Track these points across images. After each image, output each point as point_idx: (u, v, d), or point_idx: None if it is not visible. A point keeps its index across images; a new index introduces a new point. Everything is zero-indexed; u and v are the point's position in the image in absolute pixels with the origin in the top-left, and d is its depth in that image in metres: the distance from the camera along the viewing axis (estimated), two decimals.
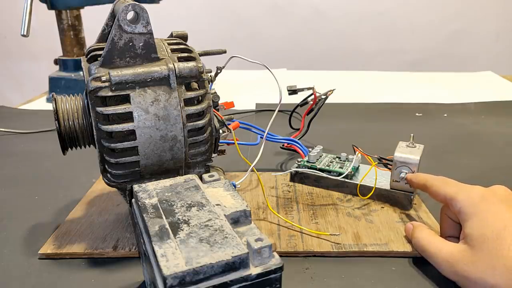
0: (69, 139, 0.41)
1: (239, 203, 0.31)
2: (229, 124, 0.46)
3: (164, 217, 0.29)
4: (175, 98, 0.38)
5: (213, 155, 0.44)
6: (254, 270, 0.26)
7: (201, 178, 0.35)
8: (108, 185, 0.41)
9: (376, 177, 0.49)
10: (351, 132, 0.76)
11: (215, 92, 0.44)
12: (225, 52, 0.47)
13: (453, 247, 0.35)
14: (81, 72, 0.79)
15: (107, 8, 0.44)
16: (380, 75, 1.22)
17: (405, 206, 0.48)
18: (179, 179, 0.35)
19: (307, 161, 0.54)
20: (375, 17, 1.67)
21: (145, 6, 0.38)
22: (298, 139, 0.60)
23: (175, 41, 0.43)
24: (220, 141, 0.45)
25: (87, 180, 0.56)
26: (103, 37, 0.42)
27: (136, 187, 0.33)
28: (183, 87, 0.39)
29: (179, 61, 0.40)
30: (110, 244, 0.42)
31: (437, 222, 0.44)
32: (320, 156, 0.56)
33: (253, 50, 1.67)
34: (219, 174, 0.36)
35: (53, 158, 0.64)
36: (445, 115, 0.85)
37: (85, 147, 0.42)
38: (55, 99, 0.41)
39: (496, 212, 0.34)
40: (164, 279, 0.24)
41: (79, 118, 0.40)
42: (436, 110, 0.88)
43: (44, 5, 0.92)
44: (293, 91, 0.68)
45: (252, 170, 0.47)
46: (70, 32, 0.97)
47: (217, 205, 0.31)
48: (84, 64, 0.40)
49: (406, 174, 0.46)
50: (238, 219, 0.30)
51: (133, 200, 0.33)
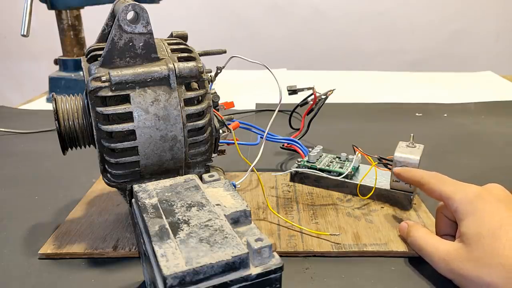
0: (69, 139, 0.41)
1: (239, 203, 0.31)
2: (229, 124, 0.46)
3: (164, 217, 0.29)
4: (175, 98, 0.38)
5: (213, 155, 0.44)
6: (254, 270, 0.26)
7: (201, 178, 0.35)
8: (108, 185, 0.41)
9: (376, 177, 0.49)
10: (351, 132, 0.76)
11: (215, 92, 0.44)
12: (225, 52, 0.47)
13: (450, 246, 0.35)
14: (81, 72, 0.79)
15: (107, 8, 0.44)
16: (380, 75, 1.22)
17: (405, 206, 0.48)
18: (179, 179, 0.35)
19: (307, 161, 0.54)
20: (375, 17, 1.67)
21: (145, 6, 0.38)
22: (298, 139, 0.60)
23: (175, 41, 0.43)
24: (220, 141, 0.45)
25: (87, 180, 0.56)
26: (103, 37, 0.42)
27: (136, 187, 0.33)
28: (183, 87, 0.39)
29: (179, 61, 0.40)
30: (110, 244, 0.42)
31: None
32: (320, 156, 0.56)
33: (253, 50, 1.67)
34: (219, 174, 0.36)
35: (53, 158, 0.64)
36: (445, 115, 0.85)
37: (85, 147, 0.42)
38: (55, 99, 0.41)
39: (492, 211, 0.34)
40: (164, 279, 0.24)
41: (79, 118, 0.40)
42: (436, 110, 0.88)
43: (44, 5, 0.92)
44: (293, 91, 0.68)
45: (252, 170, 0.47)
46: (70, 32, 0.97)
47: (217, 205, 0.31)
48: (84, 64, 0.40)
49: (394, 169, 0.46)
50: (238, 219, 0.30)
51: (133, 200, 0.33)
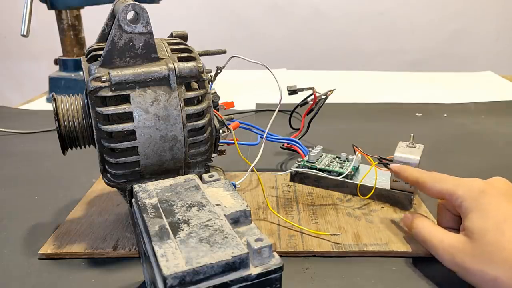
0: (69, 139, 0.41)
1: (239, 203, 0.31)
2: (229, 124, 0.46)
3: (164, 217, 0.29)
4: (175, 98, 0.38)
5: (213, 155, 0.44)
6: (254, 270, 0.26)
7: (201, 178, 0.35)
8: (108, 185, 0.41)
9: (376, 177, 0.49)
10: (351, 132, 0.76)
11: (215, 92, 0.44)
12: (225, 52, 0.47)
13: (454, 238, 0.35)
14: (81, 72, 0.79)
15: (107, 8, 0.44)
16: (380, 75, 1.22)
17: (405, 206, 0.48)
18: (179, 179, 0.35)
19: (307, 161, 0.54)
20: (375, 17, 1.67)
21: (145, 6, 0.38)
22: (298, 139, 0.60)
23: (175, 41, 0.43)
24: (220, 141, 0.45)
25: (87, 180, 0.56)
26: (103, 37, 0.42)
27: (136, 187, 0.33)
28: (183, 87, 0.39)
29: (179, 61, 0.40)
30: (110, 244, 0.42)
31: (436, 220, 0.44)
32: (320, 156, 0.56)
33: (253, 50, 1.67)
34: (219, 174, 0.36)
35: (53, 158, 0.64)
36: (445, 115, 0.85)
37: (85, 147, 0.42)
38: (55, 99, 0.41)
39: (496, 205, 0.34)
40: (164, 279, 0.24)
41: (79, 118, 0.40)
42: (436, 110, 0.88)
43: (44, 5, 0.92)
44: (293, 91, 0.67)
45: (252, 170, 0.47)
46: (70, 32, 0.97)
47: (217, 205, 0.31)
48: (84, 64, 0.40)
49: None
50: (238, 219, 0.30)
51: (133, 200, 0.33)
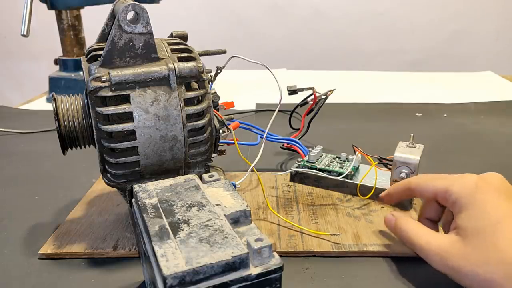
0: (69, 139, 0.41)
1: (239, 203, 0.31)
2: (229, 124, 0.46)
3: (164, 217, 0.29)
4: (175, 98, 0.38)
5: (213, 155, 0.44)
6: (254, 270, 0.26)
7: (201, 178, 0.35)
8: (108, 185, 0.41)
9: (376, 177, 0.49)
10: (351, 132, 0.76)
11: (215, 92, 0.44)
12: (225, 52, 0.47)
13: (444, 239, 0.34)
14: (81, 72, 0.79)
15: (107, 8, 0.44)
16: (380, 75, 1.22)
17: (405, 206, 0.48)
18: (179, 179, 0.35)
19: (307, 161, 0.54)
20: (375, 17, 1.67)
21: (145, 6, 0.38)
22: (298, 139, 0.60)
23: (175, 41, 0.43)
24: (220, 141, 0.45)
25: (87, 180, 0.56)
26: (103, 37, 0.42)
27: (136, 187, 0.33)
28: (183, 87, 0.39)
29: (179, 61, 0.40)
30: (110, 244, 0.42)
31: None
32: (320, 156, 0.56)
33: (253, 50, 1.67)
34: (219, 174, 0.36)
35: (53, 158, 0.64)
36: (445, 115, 0.85)
37: (85, 147, 0.42)
38: (55, 99, 0.41)
39: (491, 204, 0.33)
40: (164, 279, 0.24)
41: (79, 118, 0.40)
42: (436, 110, 0.88)
43: (44, 5, 0.92)
44: (293, 91, 0.67)
45: (252, 170, 0.47)
46: (70, 32, 0.97)
47: (217, 205, 0.31)
48: (84, 64, 0.40)
49: (380, 195, 0.45)
50: (238, 219, 0.30)
51: (133, 200, 0.33)
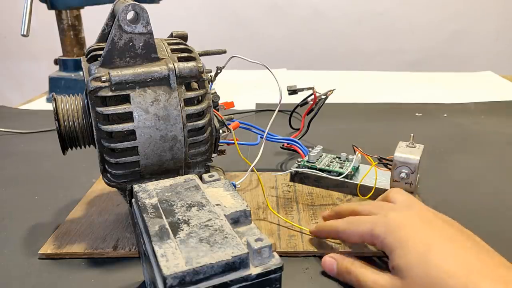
0: (69, 139, 0.41)
1: (239, 203, 0.31)
2: (229, 124, 0.46)
3: (164, 217, 0.29)
4: (175, 98, 0.38)
5: (213, 155, 0.44)
6: (254, 270, 0.26)
7: (201, 178, 0.35)
8: (108, 185, 0.41)
9: (376, 177, 0.49)
10: (351, 132, 0.76)
11: (215, 92, 0.44)
12: (225, 52, 0.47)
13: (387, 279, 0.34)
14: (81, 72, 0.79)
15: (107, 8, 0.44)
16: (380, 75, 1.22)
17: None
18: (179, 179, 0.35)
19: (307, 161, 0.54)
20: (375, 17, 1.67)
21: (145, 6, 0.38)
22: (298, 139, 0.60)
23: (175, 41, 0.43)
24: (220, 141, 0.45)
25: (87, 180, 0.56)
26: (103, 37, 0.42)
27: (136, 187, 0.33)
28: (183, 87, 0.39)
29: (179, 61, 0.40)
30: (110, 244, 0.42)
31: None
32: (320, 156, 0.56)
33: (253, 50, 1.67)
34: (219, 174, 0.36)
35: (53, 158, 0.64)
36: (445, 115, 0.85)
37: (85, 147, 0.42)
38: (55, 99, 0.41)
39: (414, 235, 0.33)
40: (164, 279, 0.24)
41: (79, 118, 0.40)
42: (436, 110, 0.88)
43: (44, 5, 0.92)
44: (293, 91, 0.67)
45: (252, 170, 0.47)
46: (70, 32, 0.97)
47: (217, 205, 0.31)
48: (84, 64, 0.40)
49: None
50: (238, 219, 0.30)
51: (133, 200, 0.33)
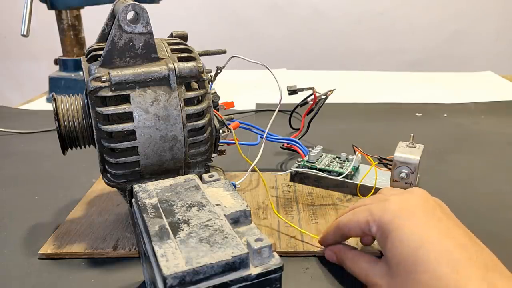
0: (69, 139, 0.41)
1: (239, 203, 0.31)
2: (229, 124, 0.46)
3: (164, 217, 0.29)
4: (175, 98, 0.38)
5: (213, 155, 0.44)
6: (254, 270, 0.26)
7: (201, 178, 0.35)
8: (108, 185, 0.41)
9: (376, 177, 0.49)
10: (351, 132, 0.76)
11: (215, 92, 0.44)
12: (225, 52, 0.47)
13: (377, 269, 0.33)
14: (81, 72, 0.79)
15: (107, 8, 0.44)
16: (380, 75, 1.22)
17: None
18: (179, 179, 0.35)
19: (307, 161, 0.54)
20: (375, 17, 1.67)
21: (145, 6, 0.38)
22: (298, 139, 0.60)
23: (175, 41, 0.43)
24: (220, 141, 0.45)
25: (87, 180, 0.56)
26: (103, 37, 0.42)
27: (136, 187, 0.33)
28: (183, 87, 0.39)
29: (179, 61, 0.40)
30: (110, 244, 0.42)
31: None
32: (320, 156, 0.56)
33: (253, 50, 1.67)
34: (219, 174, 0.36)
35: (53, 158, 0.64)
36: (445, 115, 0.85)
37: (85, 147, 0.42)
38: (55, 99, 0.41)
39: (411, 229, 0.31)
40: (164, 279, 0.24)
41: (79, 118, 0.40)
42: (436, 110, 0.88)
43: (44, 5, 0.92)
44: (293, 91, 0.68)
45: (253, 170, 0.47)
46: (70, 32, 0.97)
47: (217, 205, 0.31)
48: (84, 64, 0.40)
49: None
50: (238, 219, 0.30)
51: (133, 200, 0.33)
